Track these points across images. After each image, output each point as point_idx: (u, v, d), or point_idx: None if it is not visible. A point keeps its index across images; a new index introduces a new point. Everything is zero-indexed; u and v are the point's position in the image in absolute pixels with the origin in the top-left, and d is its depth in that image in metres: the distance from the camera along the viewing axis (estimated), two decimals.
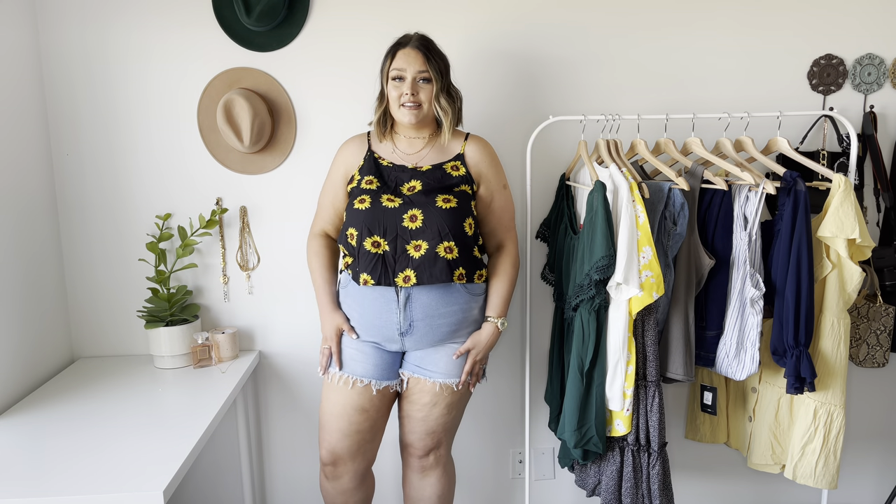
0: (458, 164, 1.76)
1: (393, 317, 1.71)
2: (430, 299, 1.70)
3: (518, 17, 2.08)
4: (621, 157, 1.88)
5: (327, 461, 1.81)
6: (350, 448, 1.78)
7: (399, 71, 1.68)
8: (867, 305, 2.10)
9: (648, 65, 2.13)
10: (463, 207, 1.70)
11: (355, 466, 1.81)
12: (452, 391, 1.77)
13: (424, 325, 1.71)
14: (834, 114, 1.99)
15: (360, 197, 1.70)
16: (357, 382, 1.74)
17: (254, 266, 2.16)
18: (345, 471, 1.81)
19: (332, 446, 1.78)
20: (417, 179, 1.71)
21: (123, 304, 2.13)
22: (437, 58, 1.71)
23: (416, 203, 1.67)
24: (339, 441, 1.77)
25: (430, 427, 1.81)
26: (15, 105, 1.88)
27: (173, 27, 2.01)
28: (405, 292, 1.69)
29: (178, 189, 2.09)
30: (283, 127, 2.08)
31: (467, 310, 1.75)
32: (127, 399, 1.80)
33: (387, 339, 1.75)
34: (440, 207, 1.66)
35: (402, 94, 1.68)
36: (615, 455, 1.86)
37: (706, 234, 1.82)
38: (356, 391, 1.75)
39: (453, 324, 1.73)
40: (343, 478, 1.82)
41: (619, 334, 1.73)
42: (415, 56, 1.68)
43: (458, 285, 1.72)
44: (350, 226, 1.71)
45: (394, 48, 1.71)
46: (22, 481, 1.37)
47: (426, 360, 1.76)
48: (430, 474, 1.88)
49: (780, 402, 1.96)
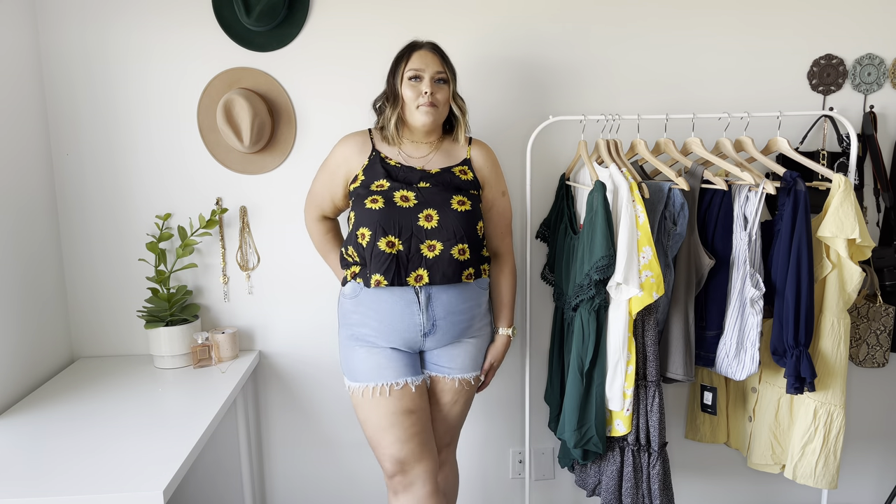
0: (465, 168, 1.76)
1: (416, 318, 1.69)
2: (450, 297, 1.70)
3: (518, 18, 2.08)
4: (621, 157, 1.88)
5: (395, 471, 1.68)
6: (414, 451, 1.68)
7: (417, 71, 1.67)
8: (867, 305, 2.10)
9: (648, 65, 2.13)
10: (476, 210, 1.72)
11: (424, 468, 1.69)
12: (471, 385, 1.81)
13: (446, 322, 1.71)
14: (834, 114, 1.99)
15: (371, 197, 1.67)
16: (394, 386, 1.68)
17: (254, 266, 2.16)
18: (416, 476, 1.68)
19: (394, 456, 1.67)
20: (427, 181, 1.70)
21: (123, 304, 2.13)
22: (449, 61, 1.74)
23: (430, 203, 1.67)
24: (401, 449, 1.67)
25: (450, 424, 1.84)
26: (15, 105, 1.88)
27: (173, 27, 2.01)
28: (425, 293, 1.68)
29: (178, 189, 2.09)
30: (283, 127, 2.08)
31: (479, 304, 1.78)
32: (127, 399, 1.79)
33: (408, 342, 1.72)
34: (455, 210, 1.67)
35: (422, 94, 1.67)
36: (615, 455, 1.86)
37: (706, 234, 1.82)
38: (396, 396, 1.67)
39: (468, 319, 1.76)
40: (416, 484, 1.69)
41: (619, 334, 1.73)
42: (432, 57, 1.69)
43: (471, 282, 1.74)
44: (361, 226, 1.66)
45: (407, 51, 1.70)
46: (22, 481, 1.37)
47: (444, 358, 1.77)
48: (442, 470, 1.89)
49: (780, 402, 1.96)
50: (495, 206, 1.83)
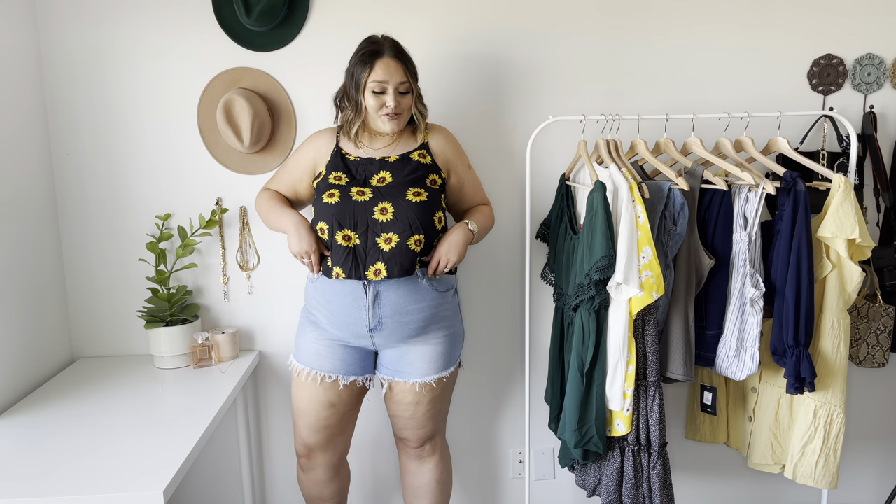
0: (423, 151, 1.79)
1: (362, 313, 1.73)
2: (399, 296, 1.72)
3: (520, 18, 2.08)
4: (621, 157, 1.88)
5: (301, 453, 1.88)
6: (320, 441, 1.85)
7: (381, 84, 1.67)
8: (867, 305, 2.10)
9: (648, 65, 2.13)
10: (433, 201, 1.72)
11: (327, 459, 1.88)
12: (432, 388, 1.81)
13: (393, 321, 1.73)
14: (834, 114, 1.99)
15: (328, 191, 1.71)
16: (325, 378, 1.78)
17: (254, 266, 2.16)
18: (318, 463, 1.88)
19: (303, 439, 1.85)
20: (387, 171, 1.74)
21: (123, 304, 2.13)
22: (411, 64, 1.72)
23: (386, 196, 1.69)
24: (310, 435, 1.84)
25: (420, 422, 1.85)
26: (15, 105, 1.88)
27: (173, 27, 2.01)
28: (374, 289, 1.71)
29: (177, 189, 2.09)
30: (282, 127, 2.08)
31: (436, 307, 1.77)
32: (127, 399, 1.79)
33: (356, 336, 1.77)
34: (410, 201, 1.68)
35: (384, 105, 1.68)
36: (615, 455, 1.86)
37: (706, 234, 1.82)
38: (324, 387, 1.79)
39: (422, 321, 1.75)
40: (317, 469, 1.89)
41: (619, 334, 1.73)
42: (395, 67, 1.67)
43: (424, 283, 1.74)
44: (320, 220, 1.72)
45: (370, 58, 1.66)
46: (22, 481, 1.37)
47: (401, 362, 1.79)
48: (428, 461, 1.93)
49: (780, 402, 1.96)
50: (466, 182, 1.88)
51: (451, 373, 1.85)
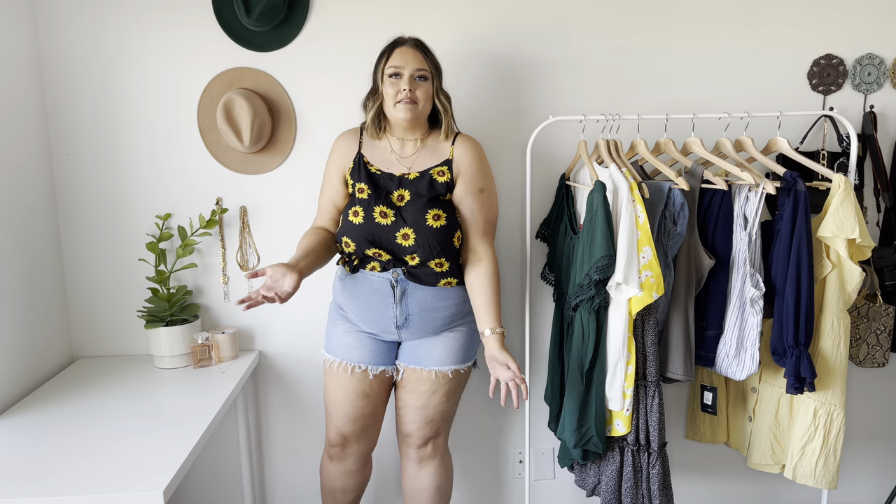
0: (444, 168, 1.76)
1: (389, 310, 1.76)
2: (426, 295, 1.76)
3: (520, 18, 2.08)
4: (621, 157, 1.88)
5: (335, 442, 1.89)
6: (356, 431, 1.87)
7: (397, 68, 1.69)
8: (867, 305, 2.10)
9: (648, 64, 2.13)
10: (451, 222, 1.74)
11: (360, 448, 1.90)
12: (449, 378, 1.82)
13: (420, 318, 1.77)
14: (834, 114, 1.99)
15: (353, 209, 1.73)
16: (356, 368, 1.81)
17: (254, 266, 2.16)
18: (351, 452, 1.90)
19: (339, 429, 1.86)
20: (405, 188, 1.73)
21: (123, 304, 2.13)
22: (432, 55, 1.75)
23: (407, 220, 1.70)
24: (346, 425, 1.85)
25: (429, 415, 1.84)
26: (15, 105, 1.88)
27: (173, 27, 2.01)
28: (401, 287, 1.74)
29: (178, 189, 2.09)
30: (283, 127, 2.08)
31: (461, 303, 1.80)
32: (127, 399, 1.79)
33: (383, 331, 1.80)
34: (431, 227, 1.70)
35: (400, 91, 1.68)
36: (615, 455, 1.86)
37: (706, 234, 1.82)
38: (356, 377, 1.82)
39: (448, 317, 1.79)
40: (349, 459, 1.91)
41: (618, 334, 1.73)
42: (412, 54, 1.70)
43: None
44: (345, 235, 1.75)
45: (390, 47, 1.73)
46: (22, 481, 1.37)
47: (421, 349, 1.81)
48: (428, 465, 1.91)
49: (780, 402, 1.96)
50: (465, 202, 1.76)
51: (467, 367, 1.85)
